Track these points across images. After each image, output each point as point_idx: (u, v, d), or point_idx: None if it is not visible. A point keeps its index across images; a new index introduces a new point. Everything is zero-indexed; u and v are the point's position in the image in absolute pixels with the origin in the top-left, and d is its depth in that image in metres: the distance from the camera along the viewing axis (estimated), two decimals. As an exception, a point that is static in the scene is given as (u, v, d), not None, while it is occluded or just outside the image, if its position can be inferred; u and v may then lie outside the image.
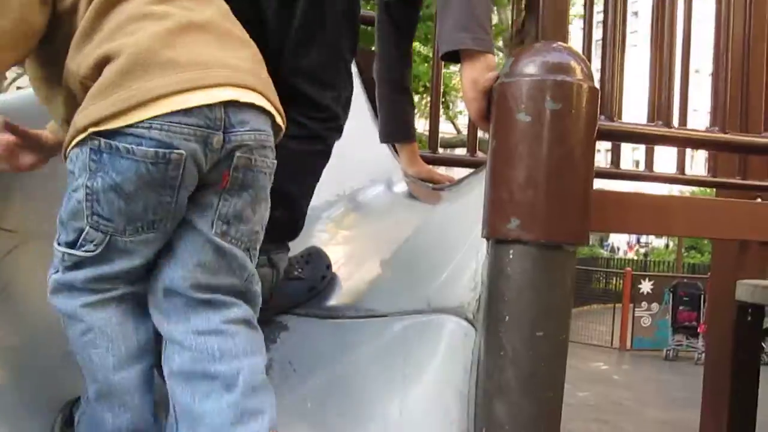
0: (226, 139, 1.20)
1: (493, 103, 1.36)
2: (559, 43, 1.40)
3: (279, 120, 1.31)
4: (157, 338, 1.29)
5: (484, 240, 1.34)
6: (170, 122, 1.14)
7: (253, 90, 1.24)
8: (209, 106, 1.17)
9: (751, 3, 1.91)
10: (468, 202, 1.54)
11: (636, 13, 29.91)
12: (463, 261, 1.44)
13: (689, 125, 1.80)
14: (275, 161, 1.32)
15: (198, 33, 1.23)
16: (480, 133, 2.63)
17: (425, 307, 1.47)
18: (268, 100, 1.27)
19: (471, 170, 1.98)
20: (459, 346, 1.37)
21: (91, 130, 1.14)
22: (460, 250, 1.47)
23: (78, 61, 1.20)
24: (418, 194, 2.10)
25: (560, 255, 1.30)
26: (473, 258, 1.39)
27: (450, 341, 1.39)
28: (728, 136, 1.70)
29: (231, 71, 1.22)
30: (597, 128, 1.37)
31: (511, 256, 1.28)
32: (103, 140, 1.15)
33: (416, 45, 11.32)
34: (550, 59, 1.32)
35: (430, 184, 2.12)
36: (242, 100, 1.21)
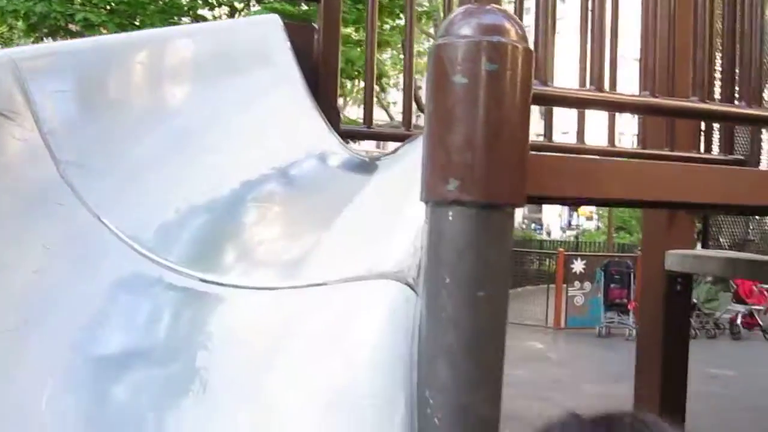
0: None
1: (429, 65, 1.35)
2: (493, 5, 1.39)
3: None
4: None
5: (423, 204, 1.33)
6: None
7: None
8: None
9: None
10: (404, 168, 1.53)
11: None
12: (402, 226, 1.43)
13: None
14: None
15: None
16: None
17: (365, 274, 1.45)
18: None
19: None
20: (400, 311, 1.35)
21: None
22: (398, 215, 1.45)
23: None
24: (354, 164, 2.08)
25: (499, 215, 1.29)
26: (411, 222, 1.37)
27: (391, 306, 1.37)
28: (658, 100, 1.73)
29: None
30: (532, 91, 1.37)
31: (450, 218, 1.26)
32: None
33: (349, 30, 11.26)
34: (484, 20, 1.31)
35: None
36: None
